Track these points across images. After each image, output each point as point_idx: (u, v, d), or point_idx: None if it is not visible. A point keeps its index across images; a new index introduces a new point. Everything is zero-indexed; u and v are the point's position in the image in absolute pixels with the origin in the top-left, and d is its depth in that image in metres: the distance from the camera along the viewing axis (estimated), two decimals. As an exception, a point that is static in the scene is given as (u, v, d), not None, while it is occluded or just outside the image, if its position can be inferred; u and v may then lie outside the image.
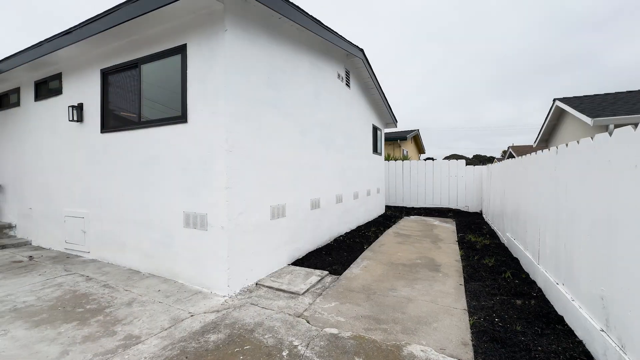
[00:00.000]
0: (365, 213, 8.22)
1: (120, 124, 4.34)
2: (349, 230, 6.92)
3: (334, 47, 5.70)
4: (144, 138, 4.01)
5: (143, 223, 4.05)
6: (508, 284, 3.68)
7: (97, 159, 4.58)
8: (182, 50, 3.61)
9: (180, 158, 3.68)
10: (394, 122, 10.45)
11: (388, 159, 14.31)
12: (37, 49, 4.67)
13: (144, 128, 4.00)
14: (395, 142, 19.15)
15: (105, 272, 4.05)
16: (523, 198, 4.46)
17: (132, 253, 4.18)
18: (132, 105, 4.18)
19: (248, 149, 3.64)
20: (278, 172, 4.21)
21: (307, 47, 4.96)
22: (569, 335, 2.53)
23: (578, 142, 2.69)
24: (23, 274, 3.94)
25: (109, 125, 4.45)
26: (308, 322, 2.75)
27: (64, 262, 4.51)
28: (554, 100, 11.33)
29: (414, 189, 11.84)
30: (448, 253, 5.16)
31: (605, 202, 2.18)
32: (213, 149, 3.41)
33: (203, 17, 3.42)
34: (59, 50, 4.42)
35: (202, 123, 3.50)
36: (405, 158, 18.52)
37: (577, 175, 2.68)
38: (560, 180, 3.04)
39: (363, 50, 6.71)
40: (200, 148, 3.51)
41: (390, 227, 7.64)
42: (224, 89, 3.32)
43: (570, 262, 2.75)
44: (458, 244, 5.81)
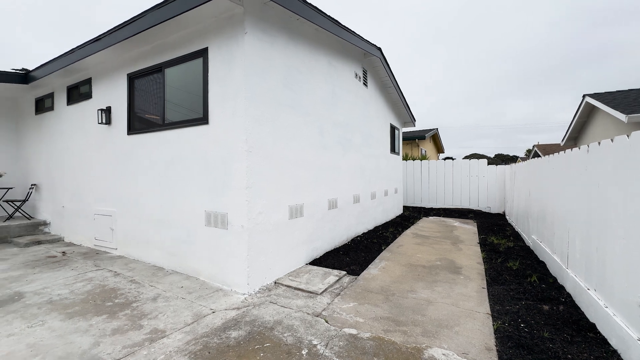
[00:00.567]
0: (383, 213, 8.13)
1: (145, 126, 4.51)
2: (367, 231, 6.87)
3: (351, 46, 5.68)
4: (168, 139, 4.16)
5: (166, 221, 4.19)
6: (534, 289, 3.53)
7: (123, 160, 4.79)
8: (203, 54, 3.71)
9: (202, 158, 3.78)
10: (412, 121, 10.28)
11: (406, 159, 14.09)
12: (69, 56, 4.94)
13: (168, 130, 4.15)
14: (414, 141, 18.83)
15: (132, 268, 4.23)
16: (550, 199, 4.27)
17: (156, 250, 4.34)
18: (156, 108, 4.34)
19: (267, 150, 3.69)
20: (296, 172, 4.24)
21: (324, 47, 4.96)
22: (602, 344, 2.40)
23: (612, 140, 2.55)
24: (57, 269, 4.18)
25: (135, 127, 4.64)
26: (327, 321, 2.76)
27: (94, 257, 4.75)
28: (584, 96, 10.76)
29: (433, 190, 11.59)
30: (469, 255, 5.02)
31: (643, 203, 2.05)
32: (233, 150, 3.48)
33: (223, 20, 3.50)
34: (89, 57, 4.65)
35: (222, 124, 3.58)
36: (424, 158, 18.17)
37: (611, 175, 2.53)
38: (592, 181, 2.88)
39: (381, 49, 6.65)
40: (221, 148, 3.59)
41: (409, 227, 7.52)
42: (244, 91, 3.38)
43: (603, 266, 2.61)
44: (480, 246, 5.63)
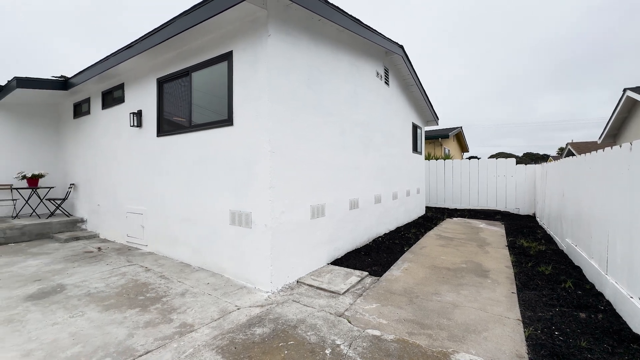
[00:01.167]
0: (405, 214, 7.98)
1: (173, 128, 4.70)
2: (388, 232, 6.78)
3: (373, 45, 5.62)
4: (194, 141, 4.31)
5: (193, 220, 4.35)
6: (569, 295, 3.34)
7: (153, 161, 5.01)
8: (228, 57, 3.81)
9: (227, 159, 3.88)
10: (435, 119, 10.02)
11: (429, 158, 13.76)
12: (103, 63, 5.24)
13: (194, 131, 4.30)
14: (437, 140, 18.35)
15: (161, 264, 4.42)
16: (587, 200, 4.02)
17: (183, 247, 4.52)
18: (183, 110, 4.51)
19: (289, 150, 3.74)
20: (317, 172, 4.26)
21: (345, 46, 4.95)
22: (648, 357, 2.23)
23: (659, 137, 2.36)
24: (94, 263, 4.45)
25: (164, 130, 4.85)
26: (349, 322, 2.75)
27: (126, 253, 5.01)
28: (625, 90, 10.04)
29: (457, 190, 11.23)
30: (497, 258, 4.82)
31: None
32: (257, 150, 3.55)
33: (247, 24, 3.58)
34: (122, 63, 4.91)
35: (246, 125, 3.66)
36: (447, 157, 17.66)
37: (657, 175, 2.35)
38: (635, 180, 2.69)
39: (403, 47, 6.54)
40: (245, 149, 3.68)
41: (432, 229, 7.34)
42: (267, 92, 3.44)
43: (649, 273, 2.42)
44: (508, 249, 5.40)
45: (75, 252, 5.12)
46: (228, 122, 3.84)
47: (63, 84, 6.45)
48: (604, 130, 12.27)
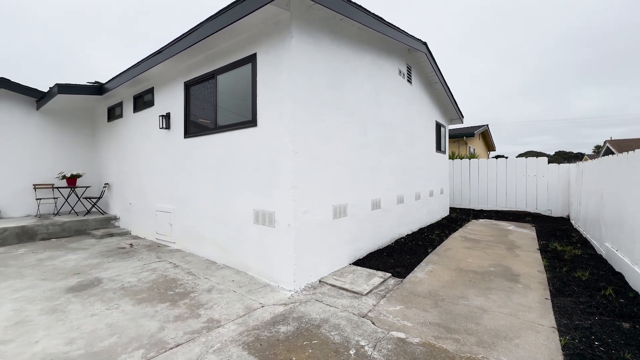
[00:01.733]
0: (428, 215, 7.79)
1: (200, 130, 4.86)
2: (410, 232, 6.65)
3: (395, 43, 5.53)
4: (220, 142, 4.43)
5: (218, 219, 4.47)
6: (610, 303, 3.12)
7: (180, 161, 5.21)
8: (252, 60, 3.89)
9: (251, 159, 3.96)
10: (460, 117, 9.71)
11: (453, 158, 13.36)
12: (135, 69, 5.51)
13: (220, 133, 4.42)
14: (461, 139, 17.76)
15: (188, 261, 4.59)
16: (630, 202, 3.74)
17: (209, 245, 4.66)
18: (209, 112, 4.65)
19: (312, 150, 3.75)
20: (340, 172, 4.25)
21: (367, 45, 4.90)
22: (703, 373, 2.05)
23: None
24: (126, 259, 4.69)
25: (190, 131, 5.02)
26: (373, 323, 2.72)
27: (156, 250, 5.24)
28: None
29: (483, 190, 10.82)
30: (528, 262, 4.60)
31: None
32: (280, 151, 3.60)
33: (271, 26, 3.64)
34: (152, 68, 5.14)
35: (270, 126, 3.72)
36: (473, 156, 17.06)
37: None
38: (688, 181, 2.47)
39: (426, 44, 6.38)
40: (268, 150, 3.73)
41: (457, 230, 7.11)
42: (290, 93, 3.47)
43: None
44: (540, 253, 5.13)
45: (110, 247, 5.42)
46: (252, 123, 3.92)
47: (98, 89, 6.85)
48: (648, 127, 11.36)
